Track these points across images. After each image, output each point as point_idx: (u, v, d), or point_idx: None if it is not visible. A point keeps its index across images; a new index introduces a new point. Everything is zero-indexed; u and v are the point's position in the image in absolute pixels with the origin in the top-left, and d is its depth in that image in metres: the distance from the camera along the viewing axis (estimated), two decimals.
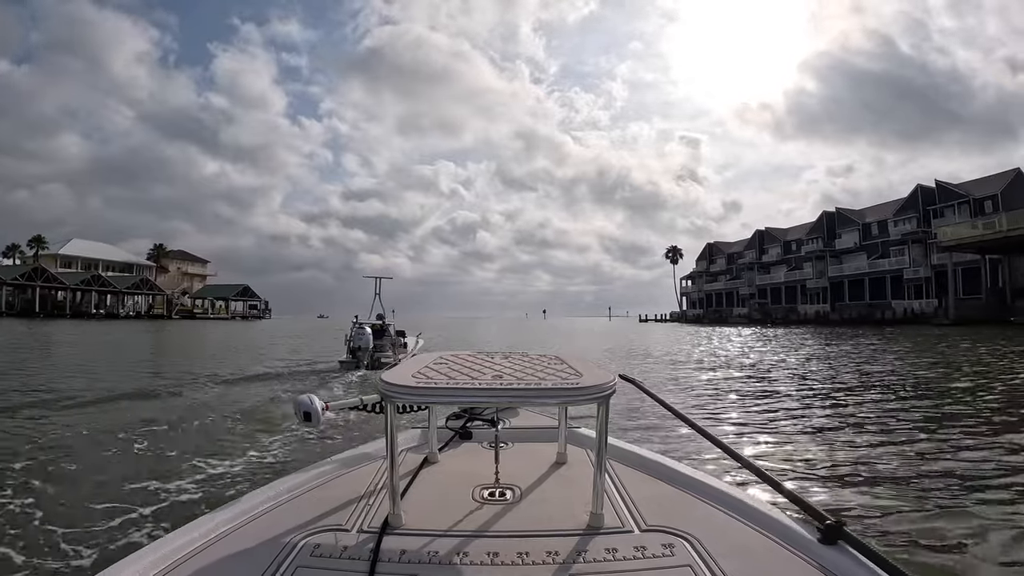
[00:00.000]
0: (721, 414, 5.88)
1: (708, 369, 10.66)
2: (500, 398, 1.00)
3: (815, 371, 9.75)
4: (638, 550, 0.86)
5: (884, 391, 7.12)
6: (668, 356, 14.22)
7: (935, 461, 3.69)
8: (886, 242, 45.66)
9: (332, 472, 1.26)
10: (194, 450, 4.13)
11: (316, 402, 1.29)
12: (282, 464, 3.82)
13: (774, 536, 0.92)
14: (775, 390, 7.57)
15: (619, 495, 1.09)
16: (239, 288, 71.69)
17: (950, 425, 4.83)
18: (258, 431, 4.86)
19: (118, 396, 6.76)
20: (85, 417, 5.39)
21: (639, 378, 1.72)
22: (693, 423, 1.35)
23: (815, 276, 49.41)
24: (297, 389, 7.76)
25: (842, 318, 43.22)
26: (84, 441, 4.42)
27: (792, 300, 51.35)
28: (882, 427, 4.87)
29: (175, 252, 75.78)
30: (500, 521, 0.98)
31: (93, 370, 10.07)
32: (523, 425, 1.60)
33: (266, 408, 6.01)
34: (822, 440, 4.50)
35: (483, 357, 1.18)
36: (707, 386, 8.18)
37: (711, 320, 56.53)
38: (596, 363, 1.10)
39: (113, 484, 3.29)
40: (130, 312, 58.44)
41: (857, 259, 47.48)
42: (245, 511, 1.03)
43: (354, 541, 0.90)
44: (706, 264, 66.29)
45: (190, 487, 3.32)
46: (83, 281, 55.20)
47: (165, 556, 0.86)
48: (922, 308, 39.34)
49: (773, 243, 57.20)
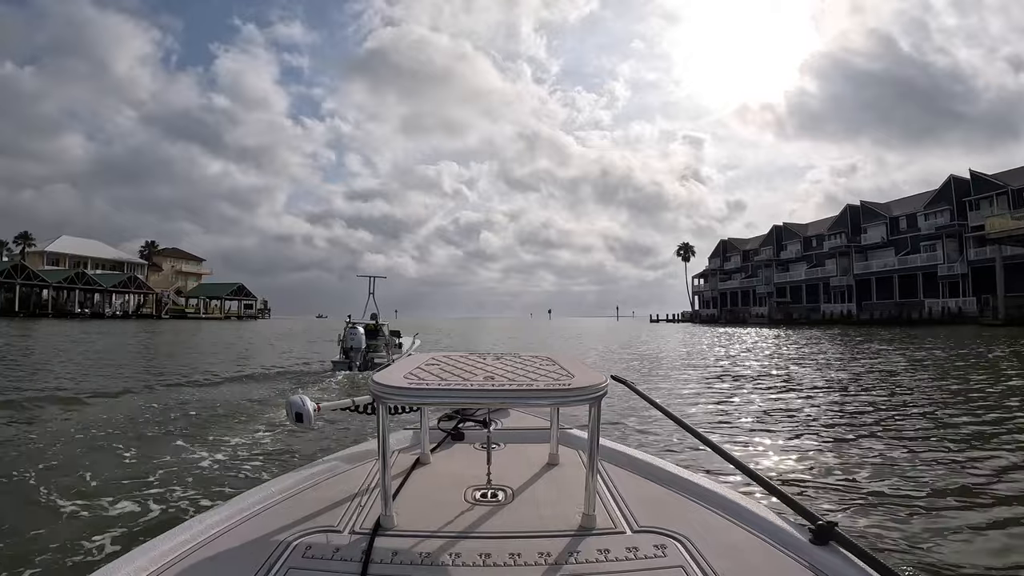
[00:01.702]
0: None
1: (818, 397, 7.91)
2: (492, 399, 1.00)
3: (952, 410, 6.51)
4: (630, 551, 0.86)
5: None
6: (732, 370, 11.46)
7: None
8: (916, 237, 43.01)
9: (324, 473, 1.24)
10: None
11: (308, 403, 1.30)
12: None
13: (766, 536, 0.92)
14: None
15: (611, 496, 1.08)
16: (233, 287, 68.81)
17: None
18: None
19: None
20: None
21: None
22: (685, 424, 1.34)
23: (839, 273, 46.67)
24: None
25: (872, 318, 40.56)
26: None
27: (814, 299, 48.62)
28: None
29: (169, 250, 73.55)
30: (492, 522, 0.97)
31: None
32: (515, 426, 1.59)
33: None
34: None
35: (475, 358, 1.18)
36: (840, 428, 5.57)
37: (727, 320, 53.84)
38: (588, 364, 1.09)
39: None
40: (117, 312, 55.72)
41: (885, 255, 44.78)
42: (237, 512, 1.02)
43: (346, 542, 0.90)
44: (719, 262, 63.42)
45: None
46: (65, 279, 52.29)
47: (156, 558, 0.86)
48: (959, 307, 36.70)
49: (792, 239, 54.31)
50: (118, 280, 57.60)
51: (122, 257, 65.07)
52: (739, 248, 61.71)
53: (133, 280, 59.20)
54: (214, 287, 69.73)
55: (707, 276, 64.75)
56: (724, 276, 61.88)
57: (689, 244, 68.64)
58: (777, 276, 53.17)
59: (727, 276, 61.55)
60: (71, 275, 52.96)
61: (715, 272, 63.04)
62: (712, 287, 62.98)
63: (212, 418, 5.39)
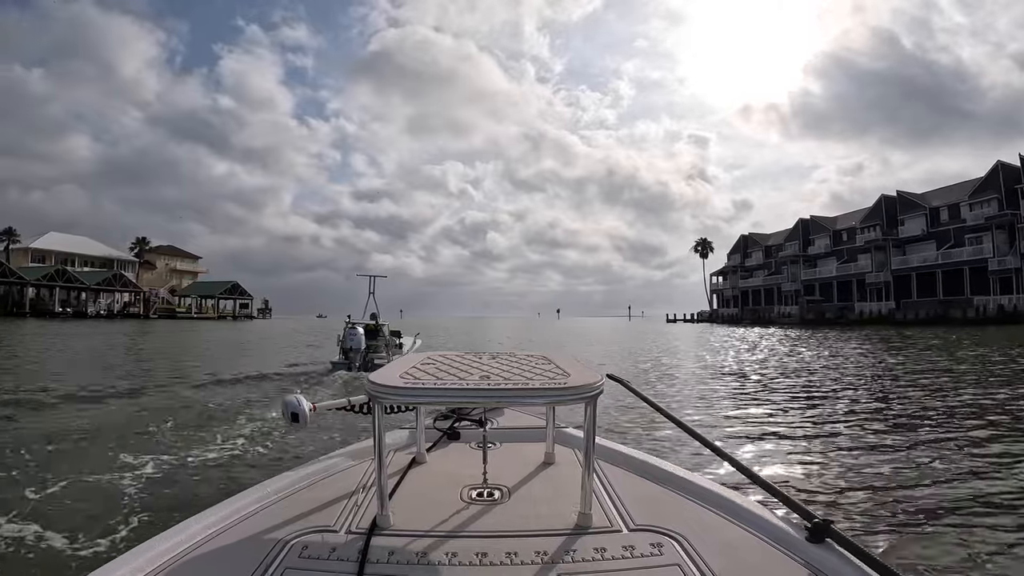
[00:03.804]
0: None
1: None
2: (488, 398, 1.00)
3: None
4: (626, 549, 0.86)
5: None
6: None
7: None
8: (960, 228, 39.55)
9: (320, 473, 1.24)
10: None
11: (303, 403, 1.29)
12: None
13: (762, 535, 0.92)
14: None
15: (607, 495, 1.08)
16: (227, 285, 65.62)
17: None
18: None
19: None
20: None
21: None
22: (681, 423, 1.33)
23: (874, 269, 43.15)
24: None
25: (916, 317, 37.00)
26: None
27: (846, 297, 45.11)
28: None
29: (164, 247, 70.66)
30: (488, 521, 0.97)
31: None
32: (511, 425, 1.59)
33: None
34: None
35: (471, 357, 1.18)
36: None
37: (751, 320, 50.28)
38: (583, 363, 1.09)
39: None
40: (101, 311, 52.50)
41: (925, 249, 41.22)
42: (233, 512, 1.02)
43: (343, 541, 0.90)
44: (740, 258, 59.93)
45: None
46: (45, 276, 49.17)
47: (154, 558, 0.86)
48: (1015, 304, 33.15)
49: (820, 233, 50.83)
50: (102, 278, 54.46)
51: (112, 254, 62.09)
52: (761, 243, 58.23)
53: (119, 278, 55.99)
54: (207, 286, 66.55)
55: (726, 273, 61.13)
56: (745, 273, 58.32)
57: (707, 240, 64.93)
58: (804, 273, 49.61)
59: (748, 273, 58.03)
60: (51, 272, 49.97)
61: (735, 269, 59.45)
62: (732, 285, 59.33)
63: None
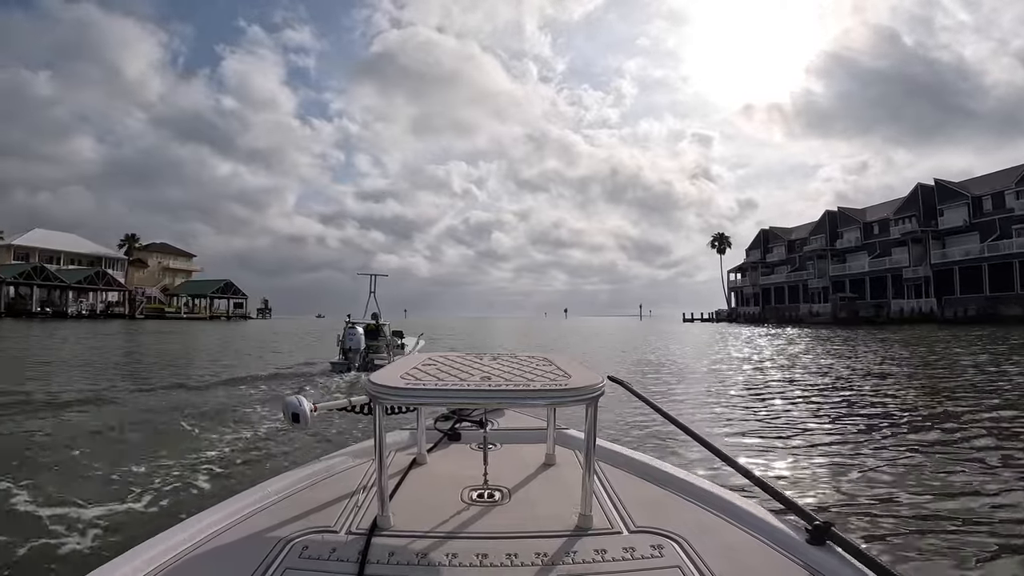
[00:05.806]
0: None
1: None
2: (488, 399, 1.01)
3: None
4: (627, 551, 0.86)
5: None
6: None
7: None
8: (1007, 218, 36.18)
9: (320, 473, 1.24)
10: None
11: (304, 403, 1.29)
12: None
13: (762, 537, 0.92)
14: None
15: (608, 496, 1.08)
16: (220, 284, 62.66)
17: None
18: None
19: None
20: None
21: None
22: (682, 425, 1.32)
23: (912, 263, 39.83)
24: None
25: (967, 315, 33.71)
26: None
27: (880, 294, 41.84)
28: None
29: (156, 245, 67.76)
30: (489, 522, 0.97)
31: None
32: (511, 426, 1.59)
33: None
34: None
35: (472, 358, 1.18)
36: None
37: (776, 319, 46.95)
38: (585, 364, 1.09)
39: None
40: (83, 311, 49.60)
41: (968, 241, 37.84)
42: (233, 513, 1.02)
43: (343, 542, 0.90)
44: (760, 253, 56.63)
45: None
46: (21, 274, 46.36)
47: (154, 558, 0.86)
48: None
49: (849, 225, 47.49)
50: (83, 276, 51.47)
51: (100, 252, 59.19)
52: (783, 238, 54.94)
53: (102, 276, 53.05)
54: (199, 285, 63.68)
55: (746, 270, 57.80)
56: (766, 270, 55.05)
57: (724, 235, 61.68)
58: (833, 268, 46.32)
59: (770, 270, 54.77)
60: (27, 270, 47.06)
61: (755, 265, 56.16)
62: (753, 282, 56.02)
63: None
